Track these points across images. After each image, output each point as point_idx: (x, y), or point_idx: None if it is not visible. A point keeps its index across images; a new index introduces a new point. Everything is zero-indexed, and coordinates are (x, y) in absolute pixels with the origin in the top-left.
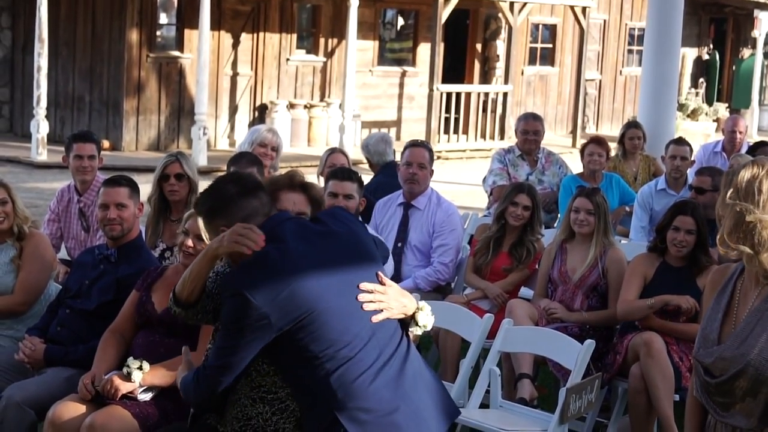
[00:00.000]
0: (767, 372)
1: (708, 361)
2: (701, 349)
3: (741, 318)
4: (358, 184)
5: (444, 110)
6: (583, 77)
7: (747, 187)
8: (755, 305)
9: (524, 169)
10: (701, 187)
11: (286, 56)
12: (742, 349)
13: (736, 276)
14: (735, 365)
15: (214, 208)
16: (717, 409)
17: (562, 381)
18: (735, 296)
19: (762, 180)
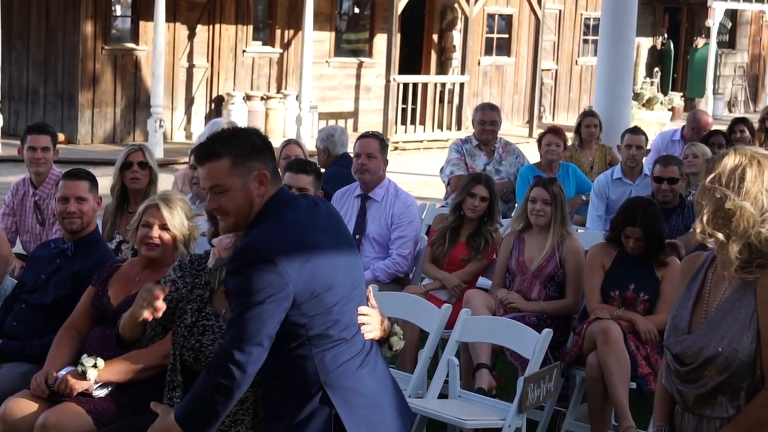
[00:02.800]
0: (736, 362)
1: (678, 350)
2: (671, 337)
3: (712, 307)
4: (315, 176)
5: (401, 101)
6: (539, 67)
7: (729, 175)
8: (727, 295)
9: (481, 159)
10: (674, 177)
11: (242, 48)
12: (713, 338)
13: (707, 265)
14: (705, 354)
15: (256, 148)
16: (683, 397)
17: (520, 370)
18: (706, 285)
19: (745, 168)
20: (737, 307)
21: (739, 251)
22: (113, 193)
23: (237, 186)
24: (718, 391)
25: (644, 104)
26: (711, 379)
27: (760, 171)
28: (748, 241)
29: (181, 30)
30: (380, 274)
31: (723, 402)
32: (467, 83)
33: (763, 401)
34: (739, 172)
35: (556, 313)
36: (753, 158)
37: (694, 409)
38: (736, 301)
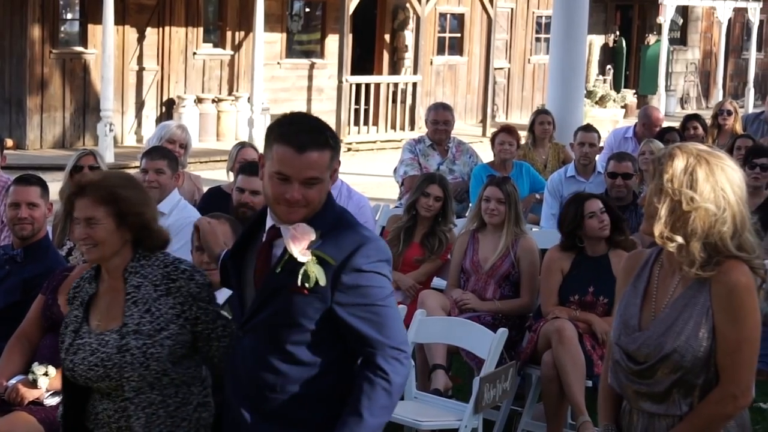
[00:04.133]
0: (692, 359)
1: (632, 348)
2: (623, 336)
3: (661, 304)
4: None
5: (354, 102)
6: (492, 66)
7: (681, 176)
8: (679, 292)
9: (435, 159)
10: (628, 172)
11: (192, 50)
12: (668, 335)
13: (652, 261)
14: (660, 352)
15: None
16: (634, 396)
17: (476, 370)
18: (653, 282)
19: (695, 169)
20: (692, 304)
21: (700, 251)
22: (63, 198)
23: (326, 179)
24: (673, 389)
25: (597, 102)
26: (666, 377)
27: (711, 170)
28: (707, 241)
29: (130, 33)
30: None
31: (677, 399)
32: (420, 83)
33: (718, 398)
34: (691, 172)
35: (511, 312)
36: (700, 157)
37: (645, 408)
38: (691, 298)
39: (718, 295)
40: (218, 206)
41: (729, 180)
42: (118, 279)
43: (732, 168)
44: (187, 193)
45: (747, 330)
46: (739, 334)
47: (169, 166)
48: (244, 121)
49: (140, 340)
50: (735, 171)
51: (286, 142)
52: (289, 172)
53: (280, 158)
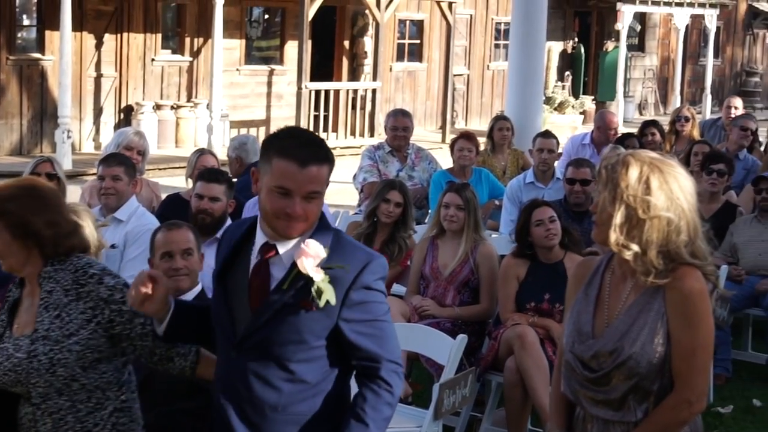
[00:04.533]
0: (647, 365)
1: (587, 355)
2: (576, 344)
3: (614, 311)
4: (227, 185)
5: (313, 108)
6: (451, 72)
7: (635, 184)
8: (632, 298)
9: (394, 166)
10: (586, 178)
11: (151, 56)
12: (623, 342)
13: (603, 268)
14: (615, 359)
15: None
16: (589, 403)
17: (435, 377)
18: (604, 289)
19: (649, 177)
20: (646, 311)
21: (658, 260)
22: None
23: (323, 193)
24: (628, 395)
25: (556, 108)
26: (621, 383)
27: (664, 178)
28: (663, 250)
29: (88, 39)
30: None
31: (632, 406)
32: (379, 89)
33: (673, 404)
34: (645, 181)
35: (471, 318)
36: (653, 165)
37: (601, 414)
38: (645, 304)
39: (672, 301)
40: (177, 213)
41: (682, 188)
42: (35, 285)
43: (683, 176)
44: (146, 200)
45: (701, 336)
46: (693, 339)
47: (126, 173)
48: (203, 127)
49: (47, 346)
50: (686, 179)
51: (287, 156)
52: (291, 186)
53: (282, 172)
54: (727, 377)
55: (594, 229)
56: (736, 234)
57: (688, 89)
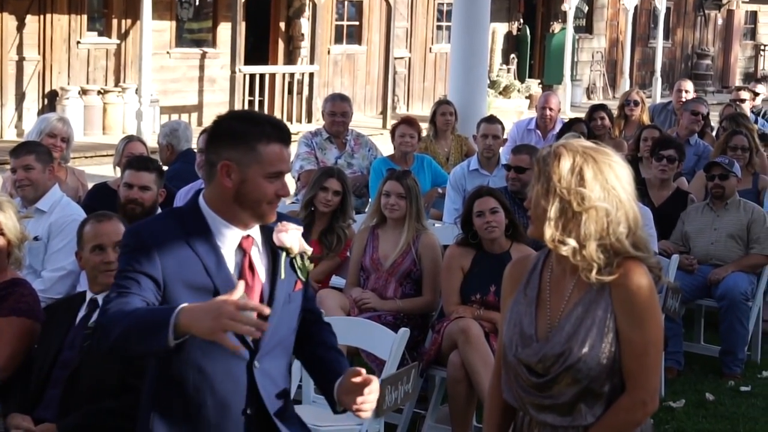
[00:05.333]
0: (595, 367)
1: (533, 360)
2: (520, 348)
3: (557, 311)
4: (157, 174)
5: (247, 93)
6: (392, 55)
7: (569, 176)
8: (576, 297)
9: (332, 153)
10: (521, 166)
11: (76, 39)
12: (572, 344)
13: (541, 266)
14: (563, 362)
15: None
16: (535, 409)
17: (376, 372)
18: (544, 288)
19: (582, 168)
20: (593, 310)
21: (598, 254)
22: None
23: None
24: (578, 399)
25: (501, 92)
26: (569, 387)
27: (598, 168)
28: (603, 243)
29: (9, 21)
30: None
31: (583, 410)
32: (317, 73)
33: (627, 405)
34: (578, 172)
35: (414, 311)
36: (586, 155)
37: (549, 421)
38: (590, 303)
39: (620, 299)
40: (104, 203)
41: (618, 177)
42: None
43: (620, 164)
44: (71, 189)
45: (652, 333)
46: (645, 337)
47: (39, 160)
48: (132, 113)
49: None
50: (623, 167)
51: (273, 140)
52: (284, 168)
53: (276, 157)
54: (678, 370)
55: (530, 225)
56: (688, 222)
57: (638, 72)
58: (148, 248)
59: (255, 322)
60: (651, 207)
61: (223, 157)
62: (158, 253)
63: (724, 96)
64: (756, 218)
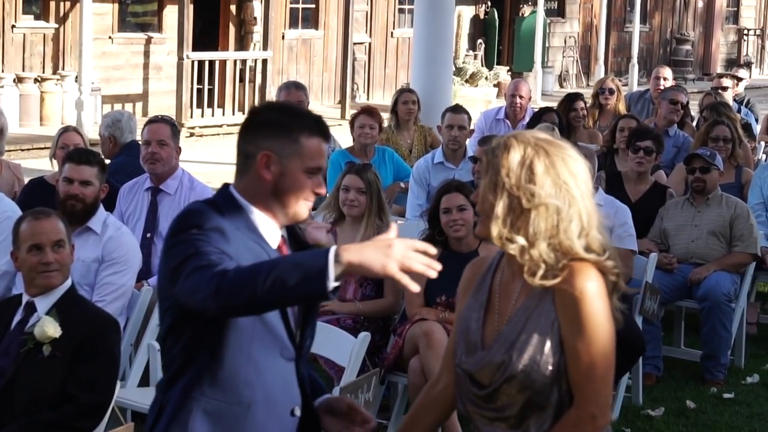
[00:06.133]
0: (539, 378)
1: (475, 369)
2: (464, 356)
3: (505, 317)
4: (99, 167)
5: (196, 81)
6: (351, 40)
7: (518, 170)
8: (520, 303)
9: None
10: None
11: (11, 23)
12: (512, 353)
13: (494, 268)
14: (506, 372)
15: None
16: (483, 421)
17: (335, 379)
18: (494, 292)
19: (533, 161)
20: (535, 316)
21: (547, 254)
22: None
23: None
24: (526, 412)
25: (467, 80)
26: (513, 399)
27: (551, 162)
28: (552, 242)
29: None
30: None
31: (529, 425)
32: (270, 60)
33: (574, 420)
34: (529, 165)
35: (374, 314)
36: (539, 147)
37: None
38: (534, 309)
39: (563, 304)
40: (42, 200)
41: (572, 172)
42: None
43: (575, 159)
44: (6, 184)
45: (599, 342)
46: (590, 346)
47: None
48: (72, 103)
49: None
50: (578, 162)
51: (315, 133)
52: (323, 165)
53: (317, 151)
54: (657, 377)
55: (478, 223)
56: (667, 218)
57: (613, 59)
58: (217, 229)
59: (428, 260)
60: (627, 202)
61: (262, 148)
62: (224, 236)
63: (705, 84)
64: (739, 214)
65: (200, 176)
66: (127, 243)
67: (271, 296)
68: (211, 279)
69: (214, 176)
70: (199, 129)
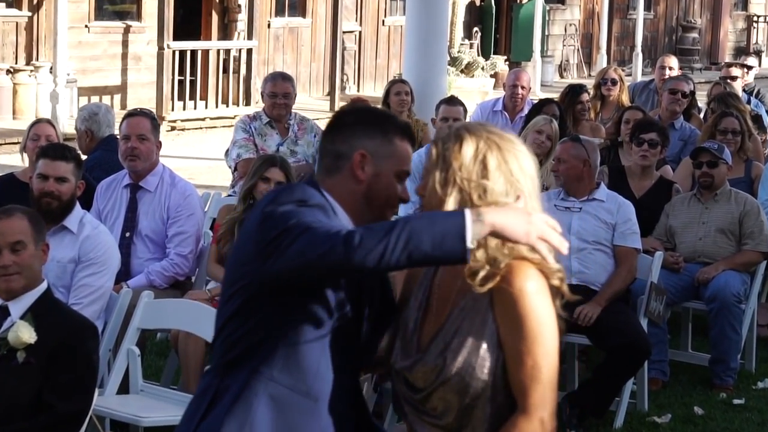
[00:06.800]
0: (474, 383)
1: (410, 372)
2: (400, 357)
3: (443, 317)
4: (75, 163)
5: (177, 72)
6: (340, 29)
7: (471, 164)
8: (458, 303)
9: (274, 139)
10: None
11: None
12: (447, 354)
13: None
14: (439, 375)
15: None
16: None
17: None
18: (434, 291)
19: (486, 156)
20: (471, 317)
21: (492, 254)
22: None
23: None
24: (461, 420)
25: (463, 70)
26: (448, 404)
27: (503, 157)
28: (498, 242)
29: None
30: (156, 278)
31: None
32: (255, 49)
33: (519, 426)
34: (482, 160)
35: None
36: (491, 141)
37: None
38: (470, 309)
39: (501, 303)
40: (11, 197)
41: (523, 169)
42: None
43: (525, 154)
44: None
45: (543, 342)
46: (533, 346)
47: None
48: (46, 95)
49: None
50: (528, 158)
51: (406, 137)
52: (411, 170)
53: (407, 155)
54: (663, 382)
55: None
56: (673, 215)
57: (616, 47)
58: (321, 206)
59: (560, 237)
60: (631, 198)
61: (357, 147)
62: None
63: (712, 73)
64: (749, 210)
65: (182, 172)
66: (105, 243)
67: (404, 254)
68: (335, 234)
69: (197, 172)
70: (180, 122)
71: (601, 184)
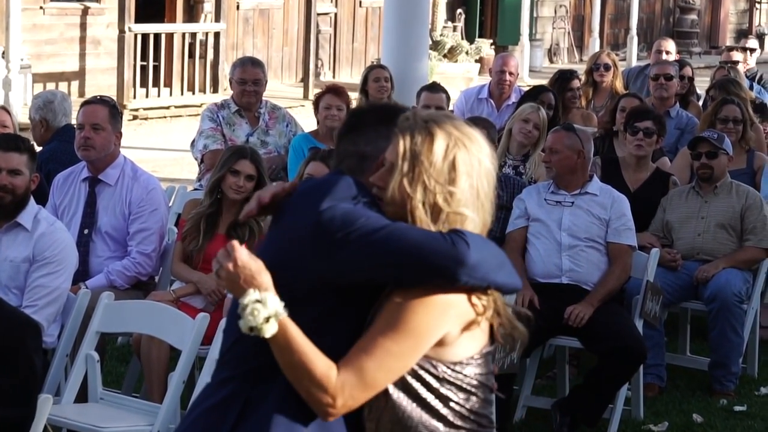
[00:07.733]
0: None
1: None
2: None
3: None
4: (29, 155)
5: (140, 57)
6: (314, 11)
7: (441, 164)
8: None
9: (243, 129)
10: None
11: None
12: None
13: None
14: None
15: None
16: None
17: None
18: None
19: (456, 157)
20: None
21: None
22: None
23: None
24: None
25: (446, 55)
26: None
27: (470, 159)
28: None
29: None
30: (117, 278)
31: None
32: (223, 32)
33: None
34: (452, 160)
35: None
36: (459, 141)
37: None
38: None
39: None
40: None
41: (486, 173)
42: None
43: (488, 155)
44: None
45: (405, 344)
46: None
47: None
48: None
49: None
50: (491, 164)
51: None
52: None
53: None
54: (660, 387)
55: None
56: (670, 210)
57: (609, 30)
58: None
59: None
60: (626, 191)
61: (382, 149)
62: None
63: (712, 57)
64: (751, 204)
65: (145, 164)
66: (62, 240)
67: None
68: (452, 247)
69: (161, 164)
70: (143, 111)
71: (593, 177)
